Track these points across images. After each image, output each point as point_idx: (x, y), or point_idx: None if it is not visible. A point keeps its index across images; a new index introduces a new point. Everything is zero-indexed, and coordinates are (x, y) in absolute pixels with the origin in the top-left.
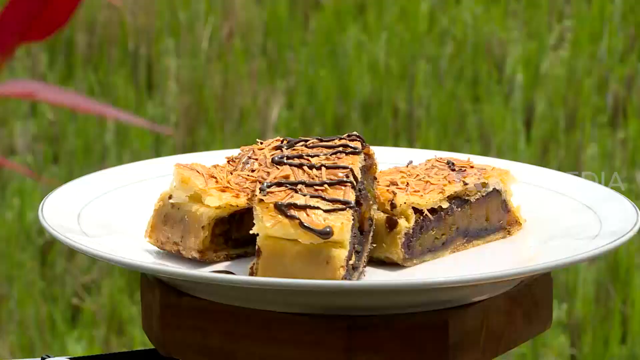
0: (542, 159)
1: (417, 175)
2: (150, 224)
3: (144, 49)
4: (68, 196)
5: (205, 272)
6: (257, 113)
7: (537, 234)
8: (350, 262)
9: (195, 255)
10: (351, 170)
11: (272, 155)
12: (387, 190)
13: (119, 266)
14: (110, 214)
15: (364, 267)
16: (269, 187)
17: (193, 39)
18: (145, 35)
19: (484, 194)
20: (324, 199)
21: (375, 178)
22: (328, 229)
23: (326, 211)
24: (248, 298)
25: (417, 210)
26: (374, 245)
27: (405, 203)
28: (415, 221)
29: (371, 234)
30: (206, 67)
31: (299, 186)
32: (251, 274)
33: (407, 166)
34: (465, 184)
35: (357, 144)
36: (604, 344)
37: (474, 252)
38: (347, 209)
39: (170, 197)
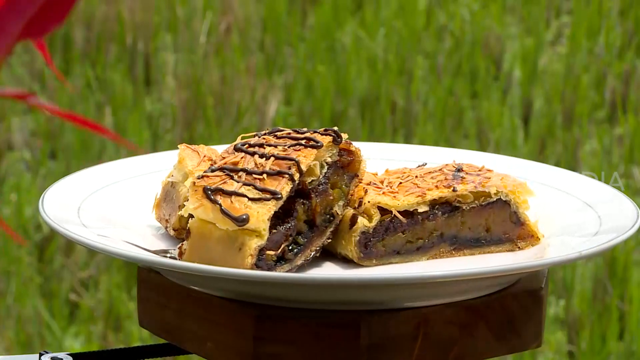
0: (540, 155)
1: (414, 176)
2: (156, 200)
3: (141, 45)
4: (68, 189)
5: (123, 249)
6: (255, 108)
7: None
8: (273, 252)
9: (173, 233)
10: (297, 163)
11: (243, 141)
12: (363, 188)
13: (116, 259)
14: (110, 207)
15: (307, 260)
16: (212, 171)
17: (191, 35)
18: (142, 30)
19: (482, 203)
20: (255, 187)
21: (356, 175)
22: (244, 217)
23: (252, 199)
24: (182, 279)
25: (386, 211)
26: (329, 240)
27: (369, 202)
28: (380, 221)
29: (331, 229)
30: (204, 63)
31: (240, 173)
32: (180, 254)
33: (417, 167)
34: (454, 190)
35: (325, 139)
36: (602, 341)
37: (461, 259)
38: (272, 199)
39: (172, 176)
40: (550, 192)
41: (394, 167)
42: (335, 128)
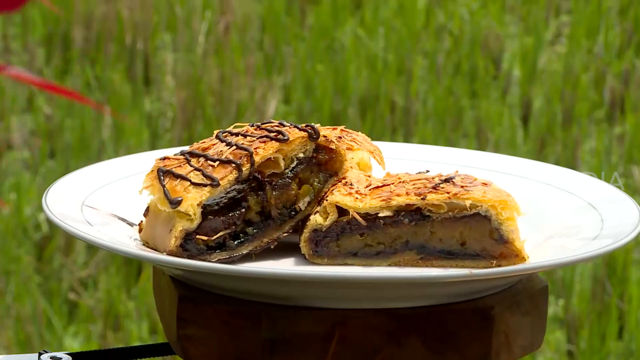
0: (539, 154)
1: (398, 182)
2: None
3: (140, 44)
4: (70, 187)
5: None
6: (254, 108)
7: (538, 231)
8: (206, 238)
9: None
10: (250, 154)
11: (224, 129)
12: (334, 186)
13: (116, 259)
14: (113, 204)
15: (255, 250)
16: (182, 154)
17: (190, 34)
18: (142, 30)
19: (457, 215)
20: (203, 173)
21: (335, 173)
22: (178, 199)
23: (194, 184)
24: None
25: (345, 213)
26: (285, 234)
27: (327, 201)
28: (336, 221)
29: (291, 223)
30: (203, 62)
31: (200, 159)
32: (140, 230)
33: (416, 173)
34: (423, 199)
35: (297, 134)
36: (601, 340)
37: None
38: (209, 186)
39: None
40: (553, 192)
41: (396, 171)
42: (317, 125)
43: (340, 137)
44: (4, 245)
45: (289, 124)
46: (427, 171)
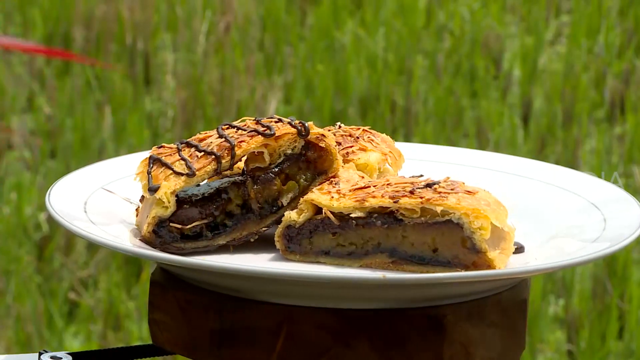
0: (540, 154)
1: (382, 184)
2: None
3: (141, 44)
4: (73, 185)
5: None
6: (255, 107)
7: (540, 231)
8: (179, 226)
9: None
10: (232, 147)
11: (227, 122)
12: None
13: (116, 259)
14: (115, 202)
15: (233, 242)
16: (181, 143)
17: (190, 34)
18: (142, 30)
19: (429, 221)
20: (186, 163)
21: (324, 172)
22: (156, 186)
23: (175, 173)
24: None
25: (321, 211)
26: (266, 229)
27: (302, 198)
28: (310, 219)
29: (273, 218)
30: (203, 62)
31: (191, 149)
32: (137, 215)
33: (410, 177)
34: (395, 202)
35: (285, 129)
36: (601, 340)
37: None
38: (185, 175)
39: None
40: (555, 191)
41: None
42: (309, 123)
43: (357, 138)
44: (4, 245)
45: (288, 120)
46: (421, 175)
